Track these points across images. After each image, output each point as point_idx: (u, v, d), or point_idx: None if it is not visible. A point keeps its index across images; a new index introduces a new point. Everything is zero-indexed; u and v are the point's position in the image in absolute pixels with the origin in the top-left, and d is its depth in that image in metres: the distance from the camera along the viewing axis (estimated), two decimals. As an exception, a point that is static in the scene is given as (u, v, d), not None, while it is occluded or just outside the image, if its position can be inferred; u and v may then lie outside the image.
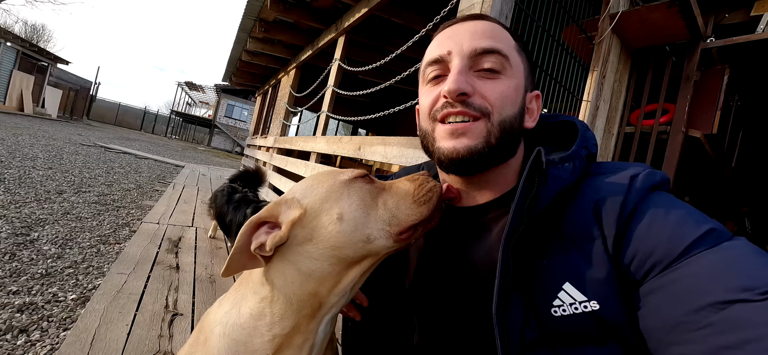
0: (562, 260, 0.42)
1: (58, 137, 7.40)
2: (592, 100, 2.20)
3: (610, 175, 0.44)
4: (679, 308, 0.33)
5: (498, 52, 0.47)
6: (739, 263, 0.33)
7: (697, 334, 0.32)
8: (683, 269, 0.35)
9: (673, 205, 0.40)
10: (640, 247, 0.38)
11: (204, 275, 1.86)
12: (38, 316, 1.27)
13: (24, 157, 4.19)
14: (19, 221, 2.16)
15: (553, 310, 0.41)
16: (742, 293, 0.30)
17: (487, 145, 0.46)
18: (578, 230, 0.42)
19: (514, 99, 0.48)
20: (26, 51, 13.80)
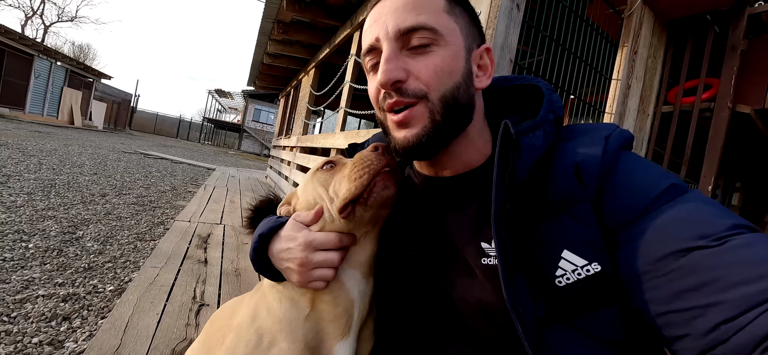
0: (555, 228, 0.41)
1: (103, 146, 8.00)
2: (622, 79, 2.06)
3: (584, 136, 0.45)
4: (644, 258, 0.36)
5: (422, 27, 0.44)
6: (695, 213, 0.36)
7: (660, 280, 0.35)
8: (647, 222, 0.37)
9: (640, 163, 0.43)
10: (612, 203, 0.40)
11: (230, 268, 1.94)
12: (80, 305, 1.37)
13: (73, 165, 4.56)
14: (66, 221, 2.34)
15: (557, 281, 0.40)
16: (699, 240, 0.33)
17: (433, 125, 0.45)
18: (563, 195, 0.41)
19: (452, 68, 0.45)
20: (74, 69, 15.01)
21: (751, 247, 0.32)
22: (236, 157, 14.94)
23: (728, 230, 0.33)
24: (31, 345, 1.10)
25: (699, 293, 0.32)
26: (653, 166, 0.43)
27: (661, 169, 0.42)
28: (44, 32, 23.04)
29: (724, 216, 0.35)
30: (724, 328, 0.30)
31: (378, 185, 0.47)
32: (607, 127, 0.45)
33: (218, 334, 0.66)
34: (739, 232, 0.33)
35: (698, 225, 0.35)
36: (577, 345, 0.40)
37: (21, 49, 11.95)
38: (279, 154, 5.99)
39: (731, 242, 0.32)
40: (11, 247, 1.78)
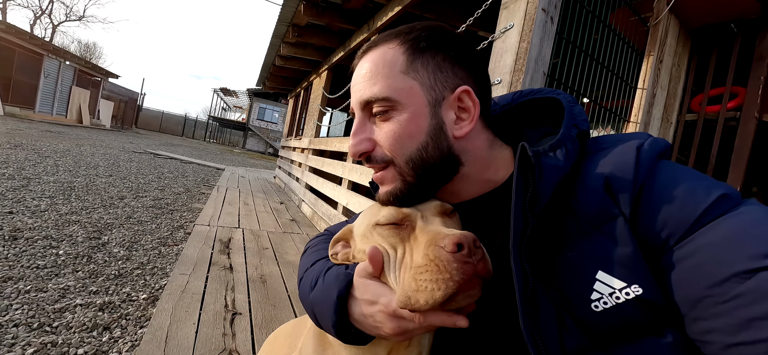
0: (588, 248, 0.38)
1: (113, 146, 8.06)
2: (648, 88, 2.05)
3: (614, 146, 0.42)
4: (700, 281, 0.32)
5: (376, 99, 0.45)
6: (757, 227, 0.32)
7: (724, 307, 0.31)
8: (699, 239, 0.33)
9: (681, 172, 0.38)
10: (654, 219, 0.36)
11: (255, 275, 1.95)
12: (117, 314, 1.39)
13: (88, 166, 4.60)
14: (90, 225, 2.37)
15: (593, 305, 0.37)
16: (764, 260, 0.29)
17: (405, 184, 0.47)
18: (595, 211, 0.39)
19: (411, 131, 0.45)
20: (82, 68, 15.13)
21: None
22: (242, 156, 14.99)
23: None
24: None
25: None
26: (698, 174, 0.39)
27: (707, 177, 0.38)
28: (53, 32, 23.23)
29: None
30: None
31: (460, 295, 0.37)
32: (639, 136, 0.42)
33: (280, 354, 0.67)
34: None
35: (763, 241, 0.31)
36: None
37: (31, 48, 12.06)
38: (289, 155, 6.00)
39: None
40: (43, 254, 1.80)
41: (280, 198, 4.94)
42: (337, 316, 0.42)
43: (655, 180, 0.38)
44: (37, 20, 22.31)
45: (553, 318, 0.38)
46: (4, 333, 1.16)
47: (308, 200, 4.12)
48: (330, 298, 0.43)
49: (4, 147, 4.72)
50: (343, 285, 0.43)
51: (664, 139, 0.43)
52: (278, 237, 2.84)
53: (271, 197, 4.84)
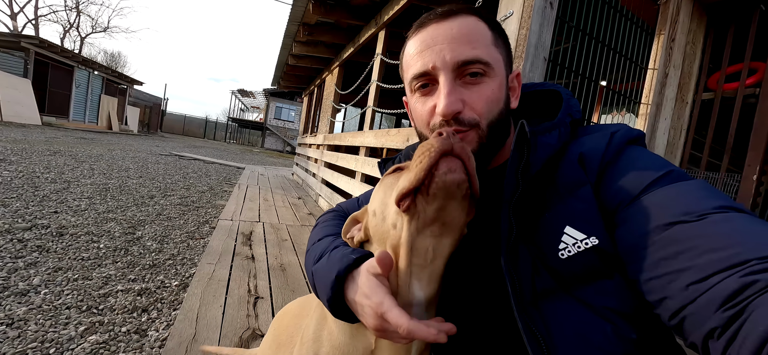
0: (561, 209, 0.46)
1: (142, 150, 8.50)
2: (659, 68, 2.02)
3: (595, 133, 0.50)
4: (636, 232, 0.39)
5: (478, 61, 0.49)
6: (686, 194, 0.39)
7: (645, 251, 0.38)
8: (642, 201, 0.41)
9: (644, 154, 0.46)
10: (613, 187, 0.44)
11: (275, 264, 2.08)
12: (154, 298, 1.54)
13: (120, 169, 4.91)
14: (125, 222, 2.57)
15: (560, 253, 0.44)
16: (683, 216, 0.36)
17: (479, 147, 0.51)
18: (569, 180, 0.47)
19: (498, 97, 0.52)
20: (109, 77, 15.91)
21: (729, 222, 0.34)
22: (261, 155, 15.40)
23: (713, 209, 0.36)
24: (122, 334, 1.26)
25: (675, 260, 0.35)
26: (660, 158, 0.46)
27: (665, 160, 0.45)
28: (81, 44, 24.48)
29: (713, 198, 0.37)
30: (693, 288, 0.32)
31: (441, 167, 0.39)
32: (617, 126, 0.50)
33: (286, 332, 0.73)
34: (723, 211, 0.36)
35: (686, 204, 0.37)
36: (573, 314, 0.42)
37: (62, 61, 12.80)
38: (305, 152, 6.16)
39: (712, 218, 0.35)
40: (86, 247, 1.99)
41: (298, 193, 5.11)
42: (333, 293, 0.46)
43: (619, 158, 0.46)
44: (67, 34, 23.57)
45: (528, 264, 0.45)
46: (58, 314, 1.33)
47: (325, 194, 4.24)
48: (330, 275, 0.47)
49: (45, 154, 5.10)
50: (343, 266, 0.46)
51: (639, 130, 0.50)
52: (297, 230, 2.97)
53: (289, 193, 5.01)
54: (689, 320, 0.32)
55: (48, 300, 1.41)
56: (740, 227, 0.34)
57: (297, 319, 0.72)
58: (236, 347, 1.23)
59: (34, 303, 1.37)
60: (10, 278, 1.52)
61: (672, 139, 2.18)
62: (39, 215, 2.40)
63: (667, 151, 2.21)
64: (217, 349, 1.12)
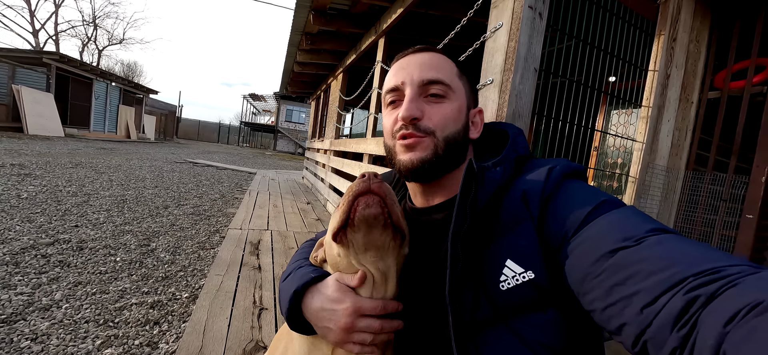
0: (503, 243, 0.50)
1: (158, 157, 8.79)
2: (660, 69, 1.99)
3: (535, 170, 0.53)
4: (583, 263, 0.42)
5: (441, 82, 0.57)
6: (622, 221, 0.42)
7: (597, 280, 0.40)
8: (585, 233, 0.44)
9: (581, 187, 0.50)
10: (556, 222, 0.47)
11: (280, 273, 2.15)
12: (165, 311, 1.63)
13: (136, 180, 5.11)
14: (141, 234, 2.70)
15: (501, 285, 0.48)
16: (623, 242, 0.39)
17: (435, 155, 0.57)
18: (512, 216, 0.50)
19: (456, 118, 0.58)
20: (126, 88, 16.46)
21: (662, 244, 0.37)
22: (273, 158, 15.66)
23: (647, 232, 0.39)
24: (135, 347, 1.35)
25: (624, 286, 0.37)
26: (594, 189, 0.49)
27: (600, 191, 0.49)
28: (99, 57, 25.37)
29: (645, 223, 0.41)
30: (647, 312, 0.34)
31: (360, 204, 0.49)
32: (555, 162, 0.54)
33: (271, 352, 0.80)
34: (655, 233, 0.39)
35: (623, 230, 0.41)
36: (505, 346, 0.46)
37: (82, 74, 13.31)
38: (314, 156, 6.26)
39: (647, 241, 0.38)
40: (104, 261, 2.11)
41: (307, 198, 5.20)
42: (290, 305, 0.54)
43: (558, 194, 0.50)
44: (85, 47, 24.47)
45: (470, 295, 0.49)
46: (78, 328, 1.42)
47: (332, 199, 4.31)
48: (290, 291, 0.55)
49: (67, 167, 5.35)
50: (302, 283, 0.55)
51: (576, 164, 0.54)
52: (304, 237, 3.04)
53: (298, 198, 5.11)
54: (650, 344, 0.34)
55: (68, 315, 1.51)
56: (673, 247, 0.37)
57: (277, 341, 0.78)
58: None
59: (56, 318, 1.47)
60: (34, 294, 1.64)
61: (677, 141, 2.14)
62: (61, 230, 2.55)
63: (672, 153, 2.17)
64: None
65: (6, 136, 8.51)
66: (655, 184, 2.09)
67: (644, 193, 2.05)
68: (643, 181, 2.04)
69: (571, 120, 1.91)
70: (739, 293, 0.29)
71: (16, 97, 10.34)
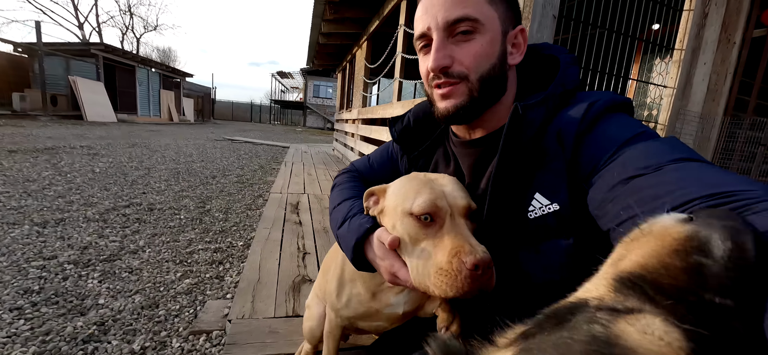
0: (537, 177, 0.53)
1: (200, 137, 9.44)
2: (696, 8, 1.90)
3: (579, 104, 0.52)
4: (603, 188, 0.44)
5: (467, 18, 0.52)
6: (649, 150, 0.42)
7: (611, 204, 0.42)
8: (610, 163, 0.45)
9: (621, 120, 0.49)
10: (588, 154, 0.48)
11: (319, 227, 2.40)
12: (226, 254, 1.93)
13: (185, 156, 5.61)
14: (196, 198, 3.06)
15: (529, 214, 0.53)
16: (642, 170, 0.40)
17: (470, 98, 0.56)
18: (547, 152, 0.52)
19: (489, 53, 0.54)
20: (165, 72, 17.41)
21: (682, 170, 0.37)
22: (304, 133, 16.16)
23: (670, 162, 0.38)
24: (207, 279, 1.64)
25: (632, 208, 0.38)
26: (634, 122, 0.49)
27: (641, 124, 0.48)
28: (137, 44, 26.85)
29: (674, 152, 0.40)
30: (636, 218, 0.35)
31: (463, 296, 0.47)
32: (598, 95, 0.52)
33: (326, 264, 0.98)
34: (679, 161, 0.38)
35: (646, 158, 0.41)
36: (534, 265, 0.52)
37: (125, 62, 14.26)
38: (343, 127, 6.45)
39: (667, 168, 0.38)
40: (171, 218, 2.46)
41: (338, 167, 5.45)
42: (354, 254, 0.60)
43: (595, 128, 0.49)
44: (124, 36, 25.95)
45: (503, 221, 0.55)
46: (161, 265, 1.74)
47: (361, 165, 4.52)
48: (350, 241, 0.60)
49: (126, 147, 5.96)
50: (359, 235, 0.59)
51: (622, 97, 0.52)
52: (336, 199, 3.28)
53: (330, 167, 5.38)
54: None
55: (152, 256, 1.84)
56: (691, 173, 0.36)
57: (333, 253, 0.96)
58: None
59: (143, 258, 1.81)
60: (123, 242, 1.99)
61: (713, 85, 2.06)
62: (132, 196, 2.96)
63: (708, 98, 2.08)
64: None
65: (71, 124, 9.50)
66: (686, 131, 2.05)
67: (674, 140, 2.02)
68: (672, 128, 2.00)
69: (600, 69, 1.90)
70: (748, 218, 0.27)
71: (74, 87, 11.37)
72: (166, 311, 1.37)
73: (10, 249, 1.76)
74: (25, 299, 1.36)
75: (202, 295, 1.51)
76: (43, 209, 2.42)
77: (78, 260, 1.72)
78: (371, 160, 0.86)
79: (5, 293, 1.38)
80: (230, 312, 1.33)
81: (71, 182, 3.20)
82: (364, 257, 0.60)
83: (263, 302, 1.41)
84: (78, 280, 1.54)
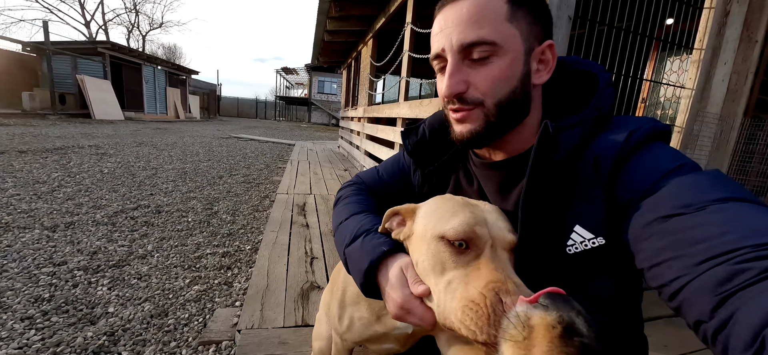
0: (574, 207, 0.48)
1: (206, 134, 9.48)
2: (717, 6, 1.83)
3: (617, 130, 0.48)
4: (640, 225, 0.41)
5: (483, 41, 0.48)
6: (689, 186, 0.39)
7: (647, 242, 0.39)
8: (650, 195, 0.41)
9: (661, 150, 0.46)
10: (627, 184, 0.45)
11: (326, 230, 2.38)
12: (234, 259, 1.92)
13: (192, 155, 5.63)
14: (204, 199, 3.07)
15: (568, 249, 0.49)
16: (681, 208, 0.37)
17: (486, 124, 0.52)
18: (584, 180, 0.48)
19: (508, 76, 0.50)
20: (170, 70, 17.49)
21: (726, 211, 0.35)
22: (309, 130, 16.17)
23: (714, 201, 0.36)
24: (216, 285, 1.64)
25: (671, 249, 0.36)
26: (675, 152, 0.45)
27: (682, 155, 0.44)
28: (143, 42, 27.00)
29: (718, 190, 0.37)
30: (685, 276, 0.33)
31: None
32: (640, 123, 0.48)
33: (333, 277, 0.95)
34: (724, 201, 0.36)
35: (687, 196, 0.38)
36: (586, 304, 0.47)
37: (131, 60, 14.34)
38: (348, 125, 6.43)
39: (710, 208, 0.35)
40: (179, 221, 2.47)
41: (344, 165, 5.44)
42: (365, 279, 0.53)
43: (635, 156, 0.46)
44: (130, 34, 26.10)
45: (535, 256, 0.50)
46: (170, 271, 1.74)
47: (368, 165, 4.49)
48: (363, 263, 0.53)
49: (133, 146, 6.00)
50: (375, 257, 0.52)
51: (663, 124, 0.48)
52: (343, 199, 3.27)
53: (336, 166, 5.36)
54: (685, 306, 0.34)
55: (160, 261, 1.84)
56: (737, 215, 0.34)
57: (339, 268, 0.93)
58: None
59: (152, 263, 1.80)
60: (132, 246, 1.99)
61: (734, 85, 1.99)
62: (140, 198, 2.97)
63: (728, 98, 2.02)
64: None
65: (79, 122, 9.60)
66: (704, 133, 1.98)
67: (691, 143, 1.97)
68: (690, 130, 1.94)
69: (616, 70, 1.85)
70: None
71: (81, 86, 11.47)
72: (175, 320, 1.36)
73: (21, 255, 1.77)
74: (36, 307, 1.36)
75: (211, 302, 1.50)
76: (53, 212, 2.43)
77: (87, 265, 1.72)
78: (380, 172, 0.80)
79: (17, 301, 1.39)
80: (239, 321, 1.32)
81: (80, 184, 3.23)
82: (375, 282, 0.54)
83: (272, 310, 1.40)
84: (88, 287, 1.54)
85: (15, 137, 5.64)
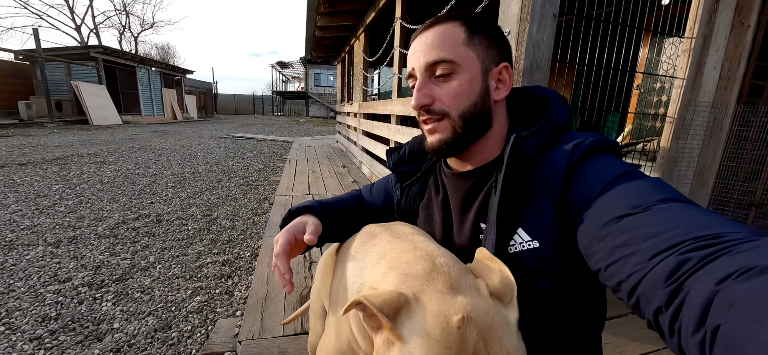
0: (521, 212, 0.54)
1: (203, 135, 9.48)
2: (706, -8, 1.80)
3: (565, 144, 0.54)
4: (593, 227, 0.45)
5: (444, 61, 0.56)
6: (635, 189, 0.43)
7: (602, 242, 0.42)
8: (599, 200, 0.46)
9: (607, 160, 0.51)
10: (576, 192, 0.49)
11: (324, 232, 2.41)
12: (234, 267, 1.96)
13: (190, 158, 5.65)
14: (203, 205, 3.10)
15: (509, 248, 0.54)
16: (632, 209, 0.41)
17: (454, 135, 0.59)
18: (535, 188, 0.53)
19: (469, 91, 0.57)
20: (165, 71, 17.37)
21: (668, 211, 0.39)
22: (307, 125, 16.12)
23: (658, 202, 0.40)
24: (217, 295, 1.68)
25: (625, 247, 0.39)
26: (620, 162, 0.50)
27: (626, 164, 0.49)
28: (135, 44, 26.74)
29: (659, 192, 0.42)
30: (639, 270, 0.36)
31: None
32: (585, 136, 0.54)
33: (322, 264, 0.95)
34: (666, 202, 0.40)
35: (635, 198, 0.42)
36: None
37: (125, 63, 14.24)
38: (345, 120, 6.42)
39: (655, 208, 0.40)
40: (179, 230, 2.50)
41: (343, 162, 5.45)
42: (283, 220, 0.74)
43: (582, 166, 0.51)
44: (122, 36, 25.84)
45: (491, 249, 0.54)
46: (171, 282, 1.78)
47: (366, 161, 4.51)
48: (290, 209, 0.75)
49: (132, 151, 6.02)
50: (295, 208, 0.74)
51: (608, 139, 0.54)
52: (341, 198, 3.29)
53: (334, 163, 5.38)
54: (642, 300, 0.36)
55: (162, 273, 1.88)
56: (678, 213, 0.38)
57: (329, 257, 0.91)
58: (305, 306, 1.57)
59: (154, 276, 1.84)
60: (134, 258, 2.03)
61: (726, 72, 1.98)
62: (140, 207, 3.00)
63: (720, 85, 2.01)
64: (293, 315, 1.43)
65: (77, 129, 9.60)
66: (696, 122, 1.99)
67: (684, 133, 1.97)
68: (682, 120, 1.95)
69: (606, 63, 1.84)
70: (733, 258, 0.30)
71: (77, 92, 11.44)
72: (178, 333, 1.40)
73: (27, 273, 1.81)
74: (43, 327, 1.40)
75: (213, 313, 1.54)
76: (55, 226, 2.47)
77: (92, 281, 1.76)
78: (373, 188, 0.90)
79: (25, 322, 1.43)
80: (240, 332, 1.36)
81: (81, 195, 3.26)
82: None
83: (272, 319, 1.43)
84: (93, 303, 1.58)
85: (14, 149, 5.67)
